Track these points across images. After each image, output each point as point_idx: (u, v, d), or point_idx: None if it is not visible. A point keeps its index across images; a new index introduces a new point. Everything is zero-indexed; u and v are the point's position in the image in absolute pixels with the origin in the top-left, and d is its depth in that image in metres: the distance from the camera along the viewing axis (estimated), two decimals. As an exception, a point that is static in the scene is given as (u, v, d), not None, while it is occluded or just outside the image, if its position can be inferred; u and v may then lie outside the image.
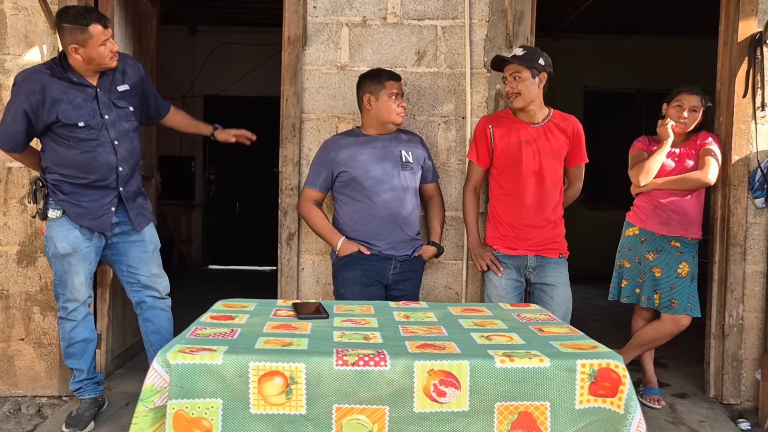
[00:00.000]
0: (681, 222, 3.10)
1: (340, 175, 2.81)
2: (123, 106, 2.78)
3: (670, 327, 3.10)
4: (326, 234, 2.86)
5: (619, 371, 1.34)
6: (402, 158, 2.83)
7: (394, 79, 2.79)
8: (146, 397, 1.37)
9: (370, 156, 2.81)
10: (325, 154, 2.86)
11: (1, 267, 3.19)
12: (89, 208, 2.75)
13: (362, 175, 2.78)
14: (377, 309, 1.86)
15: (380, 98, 2.76)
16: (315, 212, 2.88)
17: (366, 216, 2.80)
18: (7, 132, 2.68)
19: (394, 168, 2.82)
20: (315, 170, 2.88)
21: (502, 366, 1.32)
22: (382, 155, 2.82)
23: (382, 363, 1.33)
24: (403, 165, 2.83)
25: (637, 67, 7.17)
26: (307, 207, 2.90)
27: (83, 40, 2.56)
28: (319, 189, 2.87)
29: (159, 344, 2.91)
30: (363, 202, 2.80)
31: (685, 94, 3.10)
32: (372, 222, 2.79)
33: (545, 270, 2.78)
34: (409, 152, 2.87)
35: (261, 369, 1.33)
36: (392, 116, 2.78)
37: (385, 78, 2.77)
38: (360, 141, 2.85)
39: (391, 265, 2.82)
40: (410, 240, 2.88)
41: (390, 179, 2.80)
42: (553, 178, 2.79)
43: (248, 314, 1.75)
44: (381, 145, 2.84)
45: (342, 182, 2.82)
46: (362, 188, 2.78)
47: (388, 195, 2.79)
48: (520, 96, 2.71)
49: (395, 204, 2.80)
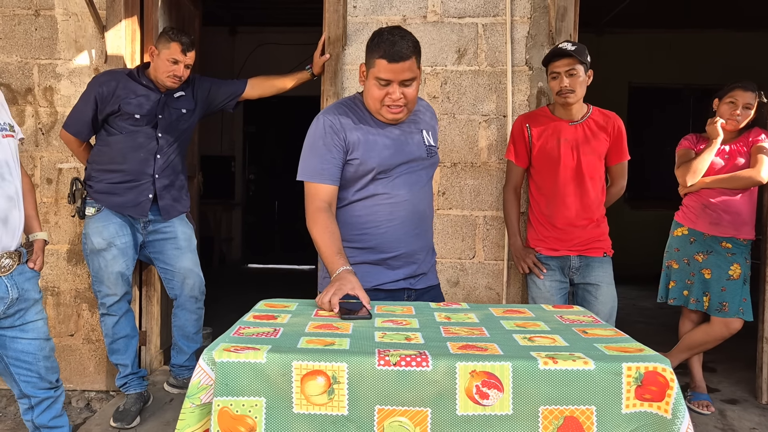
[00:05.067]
0: (732, 222, 3.00)
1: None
2: (177, 108, 2.98)
3: (720, 330, 3.01)
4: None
5: (666, 375, 1.29)
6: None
7: (388, 59, 1.86)
8: (193, 394, 1.38)
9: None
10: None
11: (52, 265, 3.30)
12: (127, 197, 2.89)
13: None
14: (418, 309, 1.84)
15: (369, 78, 1.95)
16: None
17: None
18: (76, 116, 2.91)
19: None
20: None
21: (545, 368, 1.30)
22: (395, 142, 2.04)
23: (424, 363, 1.32)
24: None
25: (684, 62, 6.98)
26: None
27: (162, 48, 2.85)
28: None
29: (179, 340, 3.14)
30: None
31: (740, 90, 3.00)
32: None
33: (589, 270, 2.72)
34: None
35: (304, 368, 1.34)
36: (376, 105, 1.96)
37: (377, 54, 1.88)
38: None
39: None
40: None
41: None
42: (593, 176, 2.73)
43: (290, 314, 1.76)
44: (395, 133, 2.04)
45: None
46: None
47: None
48: (574, 93, 2.62)
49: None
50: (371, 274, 2.01)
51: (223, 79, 3.18)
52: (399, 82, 1.89)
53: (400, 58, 1.86)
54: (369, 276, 2.00)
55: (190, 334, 3.11)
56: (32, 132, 3.26)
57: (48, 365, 2.25)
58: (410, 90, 1.92)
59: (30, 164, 3.27)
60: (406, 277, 2.06)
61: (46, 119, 3.26)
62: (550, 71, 2.67)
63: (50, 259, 3.29)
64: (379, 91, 1.91)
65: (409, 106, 1.96)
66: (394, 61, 1.86)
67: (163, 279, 3.10)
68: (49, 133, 3.26)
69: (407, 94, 1.92)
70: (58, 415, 2.37)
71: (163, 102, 2.94)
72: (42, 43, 3.23)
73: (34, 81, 3.25)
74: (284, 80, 3.17)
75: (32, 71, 3.24)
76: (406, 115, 2.00)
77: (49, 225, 3.28)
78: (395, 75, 1.88)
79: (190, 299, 3.05)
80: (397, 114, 1.96)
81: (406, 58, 1.87)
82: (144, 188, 2.90)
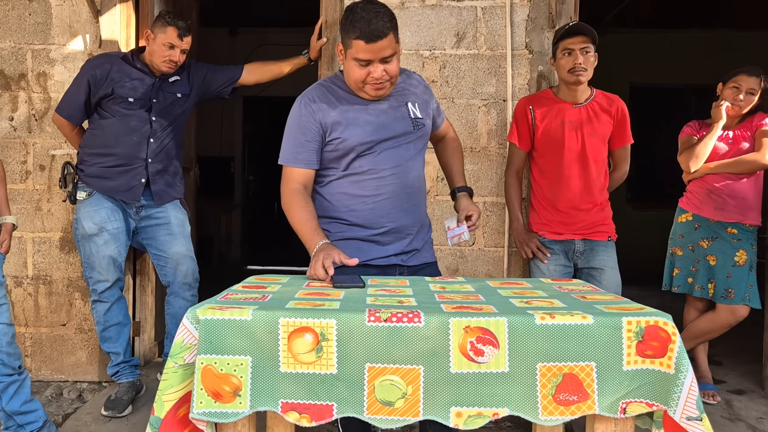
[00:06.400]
0: (738, 207, 2.94)
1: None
2: (171, 92, 2.93)
3: (726, 318, 2.93)
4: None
5: (668, 329, 1.23)
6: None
7: (366, 40, 1.80)
8: (176, 353, 1.33)
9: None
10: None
11: (44, 253, 3.24)
12: (119, 181, 2.84)
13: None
14: (412, 282, 1.79)
15: (347, 58, 1.89)
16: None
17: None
18: (69, 100, 2.87)
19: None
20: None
21: (542, 323, 1.24)
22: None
23: (416, 320, 1.26)
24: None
25: (686, 62, 6.94)
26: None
27: (158, 33, 2.81)
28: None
29: (172, 329, 3.03)
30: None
31: (744, 75, 2.95)
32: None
33: (594, 254, 2.66)
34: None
35: (291, 325, 1.28)
36: (358, 85, 1.92)
37: (353, 35, 1.82)
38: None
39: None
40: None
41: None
42: (597, 159, 2.67)
43: (280, 285, 1.71)
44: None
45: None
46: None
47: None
48: (586, 72, 2.55)
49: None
50: (362, 250, 1.96)
51: (219, 65, 3.14)
52: (379, 60, 1.84)
53: (378, 37, 1.80)
54: (359, 252, 1.95)
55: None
56: (25, 118, 3.22)
57: (10, 351, 2.22)
58: (391, 66, 1.88)
59: (23, 150, 3.22)
60: (397, 252, 2.01)
61: (40, 105, 3.22)
62: (562, 47, 2.57)
63: (42, 248, 3.24)
64: (360, 70, 1.87)
65: (392, 80, 1.92)
66: (371, 41, 1.80)
67: (156, 266, 3.04)
68: (43, 120, 3.22)
69: (389, 70, 1.88)
70: (29, 400, 2.33)
71: (158, 86, 2.89)
72: (36, 28, 3.20)
73: (28, 66, 3.21)
74: (281, 65, 3.14)
75: (26, 57, 3.21)
76: (390, 89, 1.96)
77: (41, 212, 3.23)
78: (374, 54, 1.83)
79: (184, 286, 2.99)
80: (381, 90, 1.92)
81: (384, 36, 1.80)
82: (136, 172, 2.86)
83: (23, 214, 3.22)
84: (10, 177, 3.22)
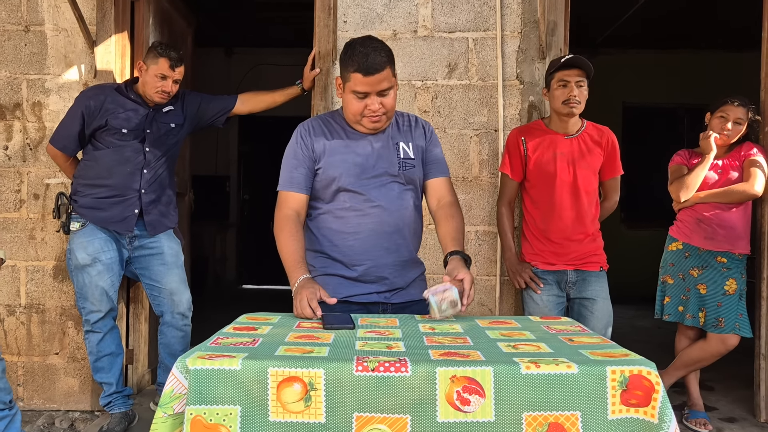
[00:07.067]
0: (727, 236, 2.97)
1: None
2: (165, 122, 2.96)
3: (717, 347, 2.95)
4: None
5: (651, 378, 1.25)
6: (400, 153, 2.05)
7: (363, 73, 1.87)
8: (165, 403, 1.34)
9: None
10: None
11: (37, 281, 3.25)
12: (112, 212, 2.86)
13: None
14: (402, 321, 1.81)
15: (345, 91, 1.96)
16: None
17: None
18: (62, 131, 2.91)
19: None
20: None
21: (527, 372, 1.25)
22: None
23: (403, 369, 1.28)
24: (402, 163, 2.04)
25: (678, 82, 7.02)
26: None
27: (150, 64, 2.84)
28: None
29: (166, 358, 3.03)
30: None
31: (730, 105, 2.98)
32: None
33: (586, 284, 2.68)
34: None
35: (280, 375, 1.29)
36: (357, 117, 1.96)
37: (352, 68, 1.89)
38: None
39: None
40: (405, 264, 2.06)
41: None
42: (589, 191, 2.70)
43: (271, 326, 1.72)
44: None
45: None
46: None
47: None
48: (580, 104, 2.60)
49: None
50: (343, 286, 1.98)
51: (213, 95, 3.17)
52: (376, 93, 1.91)
53: (375, 71, 1.87)
54: (340, 287, 1.97)
55: (176, 352, 3.05)
56: (20, 147, 3.24)
57: (1, 386, 2.22)
58: (388, 99, 1.94)
59: (17, 179, 3.24)
60: (378, 291, 2.01)
61: (34, 134, 3.24)
62: (558, 78, 2.60)
63: (36, 276, 3.24)
64: (358, 103, 1.93)
65: (388, 114, 1.97)
66: (369, 74, 1.87)
67: (149, 296, 3.04)
68: (37, 149, 3.24)
69: (386, 104, 1.94)
70: None
71: (151, 117, 2.92)
72: (31, 58, 3.23)
73: (23, 96, 3.23)
74: (274, 95, 3.17)
75: (21, 86, 3.23)
76: (386, 123, 2.01)
77: (35, 241, 3.24)
78: (372, 87, 1.90)
79: (177, 316, 3.00)
80: (377, 123, 1.97)
81: (381, 69, 1.87)
82: (130, 203, 2.87)
83: (17, 242, 3.23)
84: (4, 206, 3.24)
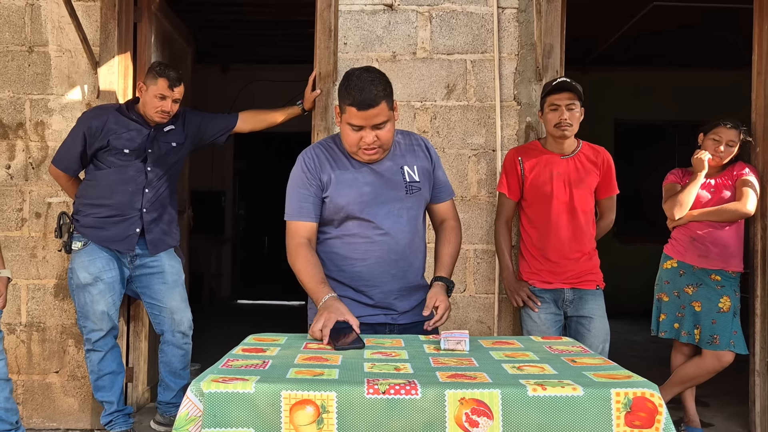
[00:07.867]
0: (720, 254, 3.02)
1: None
2: (166, 141, 2.98)
3: (712, 363, 3.00)
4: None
5: (654, 400, 1.29)
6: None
7: (357, 107, 1.86)
8: (181, 426, 1.36)
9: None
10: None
11: (38, 300, 3.26)
12: (114, 231, 2.88)
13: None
14: (407, 342, 1.84)
15: (342, 121, 1.96)
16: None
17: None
18: (65, 152, 2.93)
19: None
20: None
21: (534, 395, 1.29)
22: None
23: (414, 392, 1.31)
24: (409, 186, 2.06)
25: (669, 99, 7.14)
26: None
27: (149, 84, 2.87)
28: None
29: (166, 376, 3.06)
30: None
31: (723, 128, 3.05)
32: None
33: (583, 302, 2.72)
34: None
35: (293, 398, 1.32)
36: (353, 149, 1.98)
37: (347, 101, 1.89)
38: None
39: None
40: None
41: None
42: (585, 210, 2.75)
43: (279, 347, 1.75)
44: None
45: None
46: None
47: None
48: (572, 127, 2.65)
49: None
50: (350, 306, 1.98)
51: (213, 113, 3.21)
52: (371, 126, 1.90)
53: (369, 106, 1.85)
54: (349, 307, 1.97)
55: (177, 370, 3.06)
56: (22, 166, 3.27)
57: (8, 406, 2.23)
58: (383, 132, 1.92)
59: (19, 198, 3.26)
60: (385, 313, 2.06)
61: (37, 154, 3.27)
62: (549, 103, 2.67)
63: (37, 294, 3.25)
64: (354, 135, 1.93)
65: (384, 146, 1.97)
66: (363, 109, 1.86)
67: (150, 314, 3.06)
68: (39, 168, 3.27)
69: (381, 137, 1.92)
70: None
71: (153, 136, 2.95)
72: (35, 78, 3.26)
73: (26, 116, 3.26)
74: (275, 115, 3.21)
75: (24, 106, 3.26)
76: (383, 154, 2.01)
77: (36, 259, 3.26)
78: (366, 121, 1.89)
79: (178, 335, 3.01)
80: (373, 155, 1.97)
81: (375, 104, 1.86)
82: (131, 222, 2.89)
83: (18, 261, 3.25)
84: (6, 224, 3.25)
